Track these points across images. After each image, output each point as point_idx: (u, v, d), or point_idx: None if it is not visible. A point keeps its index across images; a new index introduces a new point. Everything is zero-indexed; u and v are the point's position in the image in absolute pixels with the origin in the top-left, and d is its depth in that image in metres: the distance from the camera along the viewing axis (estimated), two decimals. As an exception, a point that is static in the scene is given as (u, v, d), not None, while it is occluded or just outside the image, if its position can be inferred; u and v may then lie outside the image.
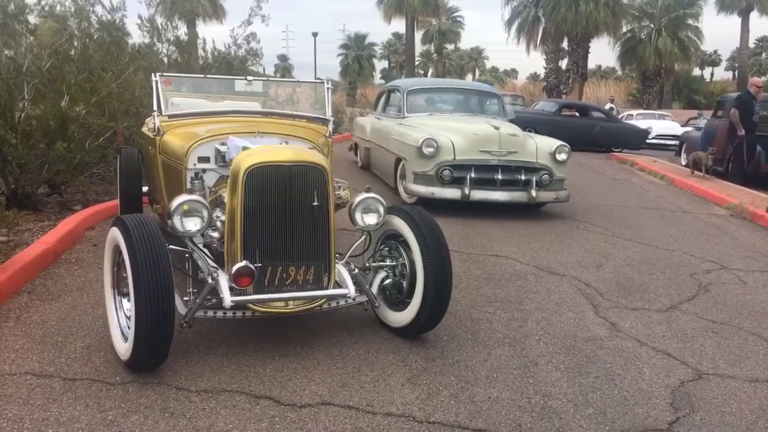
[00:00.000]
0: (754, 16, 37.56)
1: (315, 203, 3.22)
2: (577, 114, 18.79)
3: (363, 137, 10.29)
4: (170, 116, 4.49)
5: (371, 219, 3.55)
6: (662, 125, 23.72)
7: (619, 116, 21.60)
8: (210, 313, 3.16)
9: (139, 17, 10.89)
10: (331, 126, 4.74)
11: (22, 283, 4.17)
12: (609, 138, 17.61)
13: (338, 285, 3.37)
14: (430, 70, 64.09)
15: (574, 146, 9.31)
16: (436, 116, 8.64)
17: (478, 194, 6.98)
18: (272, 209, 3.19)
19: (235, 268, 3.02)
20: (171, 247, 3.04)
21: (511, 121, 8.94)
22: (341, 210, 3.93)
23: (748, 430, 2.80)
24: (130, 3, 10.62)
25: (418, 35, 40.70)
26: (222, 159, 3.85)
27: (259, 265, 3.14)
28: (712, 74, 73.26)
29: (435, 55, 56.97)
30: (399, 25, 35.92)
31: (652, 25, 35.85)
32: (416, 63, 44.97)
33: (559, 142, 7.45)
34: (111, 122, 7.26)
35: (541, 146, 7.35)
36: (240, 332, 3.53)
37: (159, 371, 3.01)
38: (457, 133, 7.30)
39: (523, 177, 7.12)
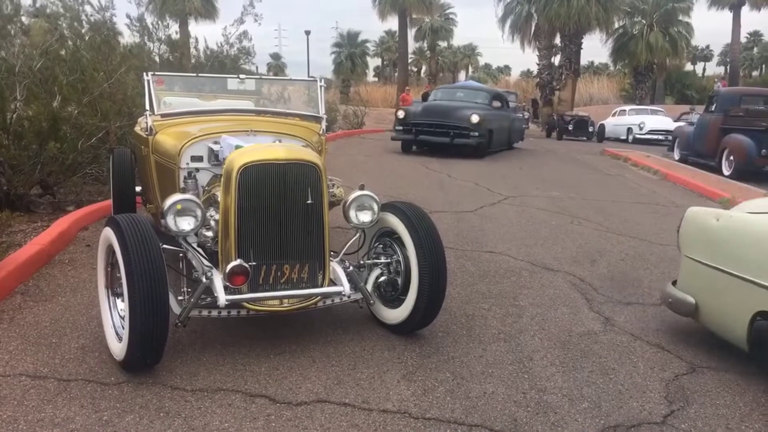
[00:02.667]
0: (745, 10, 37.64)
1: (309, 201, 3.22)
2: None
3: None
4: (163, 116, 4.47)
5: (365, 216, 3.55)
6: (655, 120, 23.85)
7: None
8: (204, 313, 3.15)
9: (128, 16, 10.86)
10: (324, 124, 4.74)
11: (15, 285, 4.15)
12: None
13: (333, 283, 3.37)
14: (423, 68, 64.08)
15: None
16: None
17: None
18: (266, 208, 3.18)
19: (229, 266, 3.01)
20: (165, 246, 3.03)
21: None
22: (335, 208, 3.93)
23: (742, 422, 2.82)
24: (121, 3, 10.59)
25: (411, 33, 40.64)
26: (215, 158, 3.84)
27: (254, 263, 3.14)
28: (704, 69, 73.54)
29: (428, 52, 56.89)
30: (392, 22, 35.88)
31: (644, 21, 35.95)
32: (409, 60, 44.89)
33: None
34: (103, 122, 7.24)
35: None
36: (235, 331, 3.53)
37: (154, 371, 3.00)
38: None
39: None
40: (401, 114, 14.08)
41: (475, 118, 13.20)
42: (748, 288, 3.15)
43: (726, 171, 11.82)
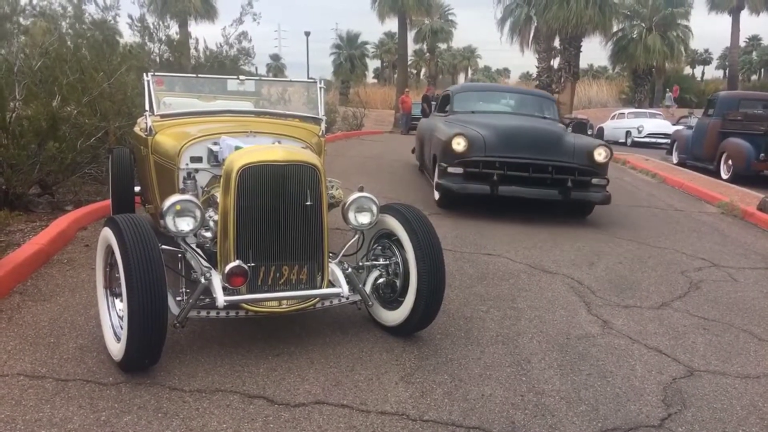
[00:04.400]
0: (744, 14, 37.68)
1: (308, 202, 3.22)
2: None
3: None
4: (162, 116, 4.47)
5: (364, 218, 3.55)
6: (653, 124, 23.89)
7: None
8: (203, 313, 3.15)
9: (130, 17, 10.87)
10: (323, 125, 4.74)
11: (13, 284, 4.15)
12: None
13: (331, 284, 3.37)
14: (423, 70, 64.10)
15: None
16: None
17: None
18: (265, 209, 3.19)
19: (228, 267, 3.02)
20: (163, 247, 3.03)
21: None
22: (334, 209, 3.93)
23: (740, 426, 2.82)
24: (123, 3, 10.59)
25: (411, 34, 40.68)
26: (214, 159, 3.84)
27: (252, 264, 3.14)
28: (703, 73, 73.74)
29: (427, 54, 56.93)
30: (392, 24, 35.88)
31: (643, 24, 36.02)
32: (409, 62, 44.88)
33: None
34: (103, 122, 7.24)
35: None
36: (233, 332, 3.53)
37: (152, 371, 3.00)
38: None
39: None
40: (460, 144, 7.19)
41: (602, 154, 7.27)
42: None
43: (724, 175, 11.85)
